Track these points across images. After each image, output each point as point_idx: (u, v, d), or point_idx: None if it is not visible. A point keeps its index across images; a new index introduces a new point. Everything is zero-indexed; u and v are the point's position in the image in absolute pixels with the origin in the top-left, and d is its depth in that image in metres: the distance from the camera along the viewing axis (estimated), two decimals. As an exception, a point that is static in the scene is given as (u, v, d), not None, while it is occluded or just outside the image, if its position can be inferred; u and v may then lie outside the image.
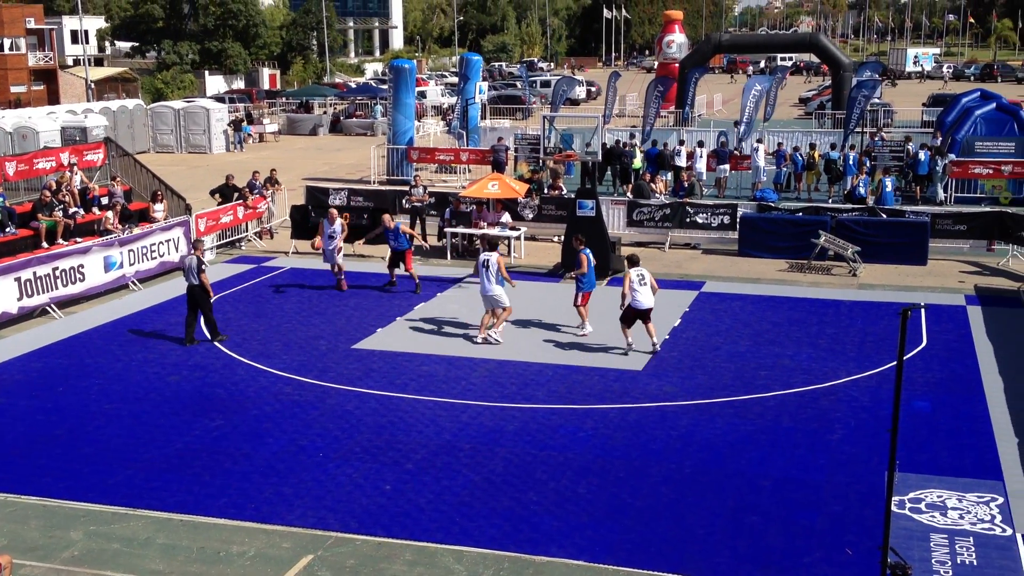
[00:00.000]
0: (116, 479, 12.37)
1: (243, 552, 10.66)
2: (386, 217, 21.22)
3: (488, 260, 17.35)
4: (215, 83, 78.59)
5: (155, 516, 11.43)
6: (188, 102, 50.49)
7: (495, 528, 11.07)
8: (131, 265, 21.59)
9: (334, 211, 21.53)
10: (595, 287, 18.20)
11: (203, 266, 17.72)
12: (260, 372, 16.26)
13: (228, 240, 25.50)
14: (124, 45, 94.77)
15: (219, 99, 57.30)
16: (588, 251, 17.96)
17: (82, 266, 20.23)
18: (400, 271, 21.20)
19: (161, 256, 22.50)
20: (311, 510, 11.52)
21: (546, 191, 27.71)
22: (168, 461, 12.89)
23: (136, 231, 22.51)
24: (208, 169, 39.19)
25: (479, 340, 17.57)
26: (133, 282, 21.65)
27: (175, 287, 21.65)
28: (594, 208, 21.69)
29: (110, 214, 23.37)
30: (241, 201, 25.48)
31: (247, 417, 14.33)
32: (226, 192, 25.84)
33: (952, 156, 30.01)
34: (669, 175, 31.45)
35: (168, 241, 22.72)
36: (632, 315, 16.67)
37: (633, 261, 16.95)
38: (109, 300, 20.72)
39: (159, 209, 24.51)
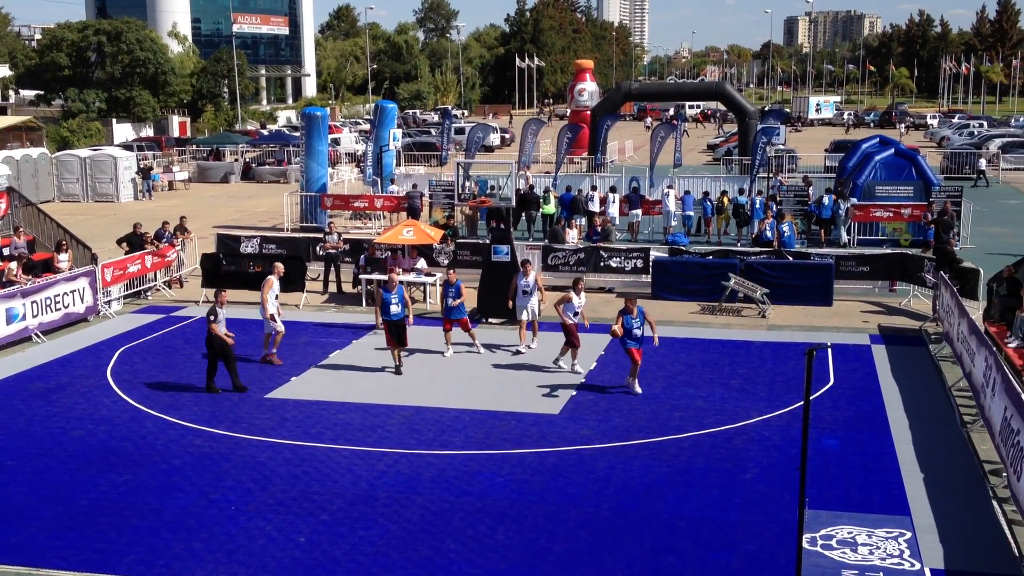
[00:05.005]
0: (18, 538, 11.91)
1: (151, 611, 10.34)
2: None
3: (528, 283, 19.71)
4: (123, 131, 77.17)
5: (59, 576, 11.04)
6: (95, 150, 49.47)
7: (412, 578, 10.93)
8: (34, 317, 20.96)
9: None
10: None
11: (211, 316, 17.08)
12: (169, 424, 15.88)
13: (136, 290, 24.95)
14: (28, 93, 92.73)
15: (127, 147, 56.23)
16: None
17: (-18, 318, 19.59)
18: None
19: (65, 307, 21.88)
20: (223, 565, 11.24)
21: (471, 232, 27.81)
22: (73, 518, 12.47)
23: (39, 282, 21.91)
24: (115, 218, 38.41)
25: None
26: (36, 334, 21.01)
27: (80, 339, 21.10)
28: (509, 253, 21.84)
29: (13, 265, 22.72)
30: (151, 250, 25.01)
31: (155, 471, 13.96)
32: (133, 241, 25.37)
33: (854, 200, 30.99)
34: (583, 220, 31.85)
35: (73, 292, 22.13)
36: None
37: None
38: (11, 353, 20.08)
39: (63, 259, 23.91)
